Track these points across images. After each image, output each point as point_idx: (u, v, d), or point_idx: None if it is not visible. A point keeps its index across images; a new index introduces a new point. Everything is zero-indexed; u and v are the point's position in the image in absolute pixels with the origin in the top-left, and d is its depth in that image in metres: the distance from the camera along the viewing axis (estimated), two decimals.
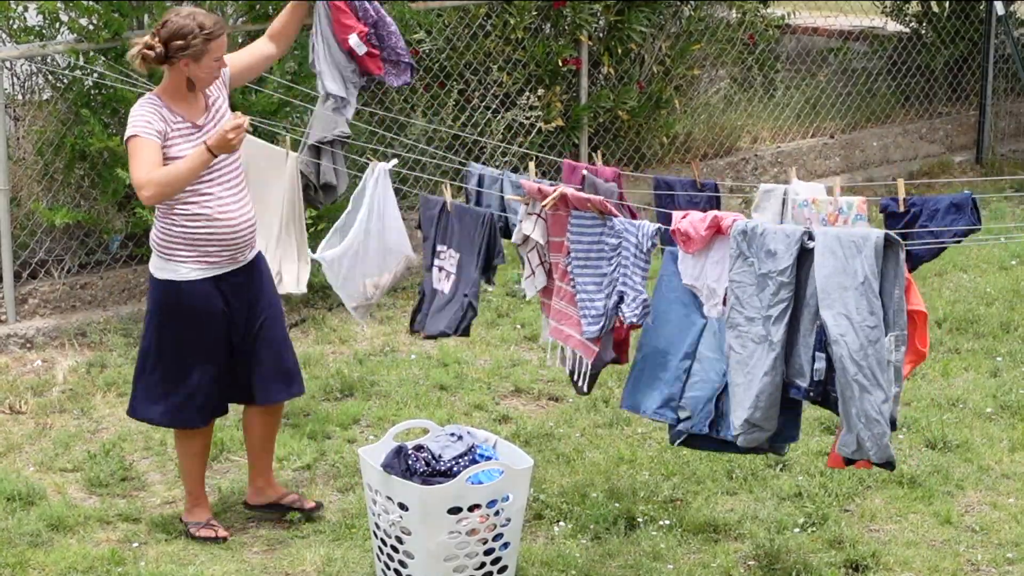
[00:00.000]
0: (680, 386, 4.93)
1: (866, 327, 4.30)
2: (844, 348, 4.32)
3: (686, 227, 4.70)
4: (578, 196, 4.99)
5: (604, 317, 4.91)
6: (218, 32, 5.21)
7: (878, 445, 4.35)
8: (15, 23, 7.66)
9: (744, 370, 4.56)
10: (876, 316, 4.30)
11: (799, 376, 4.52)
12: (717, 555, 5.37)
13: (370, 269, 5.69)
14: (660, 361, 5.00)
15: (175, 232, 5.30)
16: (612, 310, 4.88)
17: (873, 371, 4.30)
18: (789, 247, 4.44)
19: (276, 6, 8.08)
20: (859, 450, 4.39)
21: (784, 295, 4.46)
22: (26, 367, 7.25)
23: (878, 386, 4.31)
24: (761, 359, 4.51)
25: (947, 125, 11.45)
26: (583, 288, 4.98)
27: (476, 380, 7.07)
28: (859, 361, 4.31)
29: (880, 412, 4.32)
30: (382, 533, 5.05)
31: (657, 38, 9.91)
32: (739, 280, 4.55)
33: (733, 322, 4.58)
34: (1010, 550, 5.39)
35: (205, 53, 5.20)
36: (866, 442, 4.36)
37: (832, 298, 4.34)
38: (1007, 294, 8.21)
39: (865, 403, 4.32)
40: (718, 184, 5.80)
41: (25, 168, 7.79)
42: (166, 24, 5.20)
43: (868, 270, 4.30)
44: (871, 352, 4.29)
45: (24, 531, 5.53)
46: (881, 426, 4.33)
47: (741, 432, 4.59)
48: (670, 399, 4.96)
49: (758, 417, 4.55)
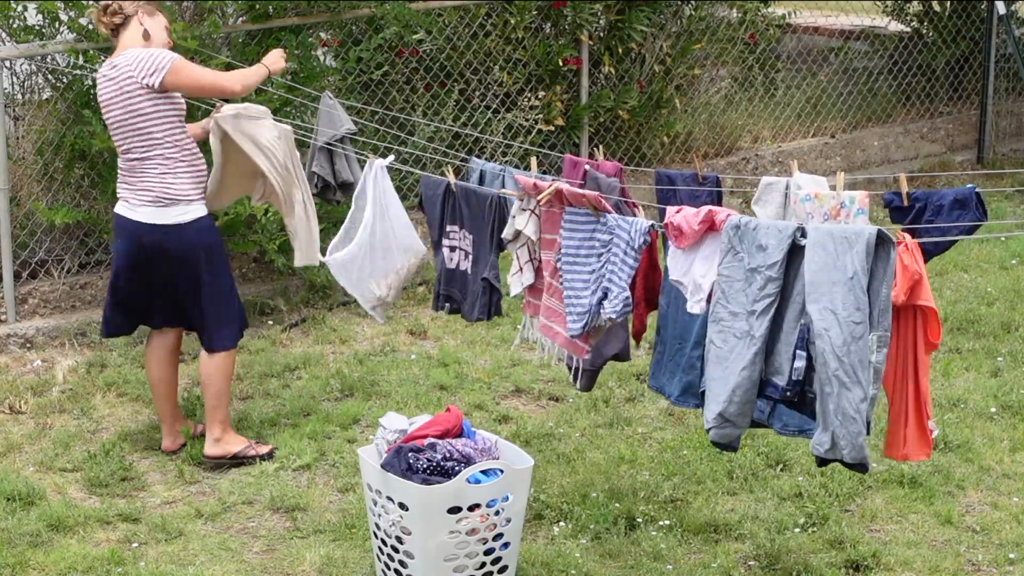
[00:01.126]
0: (697, 374, 4.98)
1: (851, 323, 4.27)
2: (827, 343, 4.29)
3: (679, 221, 4.68)
4: (574, 192, 4.98)
5: (588, 314, 4.91)
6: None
7: (853, 444, 4.31)
8: (15, 22, 7.66)
9: (723, 365, 4.53)
10: (862, 312, 4.28)
11: (777, 374, 4.49)
12: (717, 555, 5.36)
13: (381, 269, 5.71)
14: (676, 347, 5.07)
15: (185, 174, 5.88)
16: (596, 307, 4.88)
17: (854, 368, 4.28)
18: (781, 242, 4.42)
19: (276, 6, 8.09)
20: (833, 449, 4.35)
21: (771, 290, 4.44)
22: (26, 367, 7.24)
23: (858, 383, 4.28)
24: (741, 354, 4.48)
25: (948, 124, 11.44)
26: (570, 285, 4.97)
27: (476, 380, 7.07)
28: (841, 356, 4.28)
29: (858, 410, 4.29)
30: (382, 533, 5.04)
31: (658, 37, 9.91)
32: (727, 275, 4.53)
33: (716, 316, 4.55)
34: (1011, 550, 5.39)
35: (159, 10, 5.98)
36: (840, 440, 4.32)
37: (820, 292, 4.33)
38: (1008, 294, 8.20)
39: (843, 400, 4.29)
40: (720, 178, 5.80)
41: (25, 168, 7.79)
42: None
43: (858, 266, 4.28)
44: (854, 348, 4.27)
45: (24, 531, 5.53)
46: (857, 425, 4.29)
47: (713, 426, 4.56)
48: (689, 386, 5.04)
49: (732, 412, 4.51)
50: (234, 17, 8.22)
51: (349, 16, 8.40)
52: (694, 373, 5.00)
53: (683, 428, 6.49)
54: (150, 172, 5.86)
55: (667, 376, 5.12)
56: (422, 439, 5.06)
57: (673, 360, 5.08)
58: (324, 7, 8.25)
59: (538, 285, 5.27)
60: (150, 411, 6.70)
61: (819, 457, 4.43)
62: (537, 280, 5.29)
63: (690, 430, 6.43)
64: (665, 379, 5.13)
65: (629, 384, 6.98)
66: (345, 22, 8.47)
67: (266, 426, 6.51)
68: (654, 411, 6.68)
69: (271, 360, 7.29)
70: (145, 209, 5.87)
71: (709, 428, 4.57)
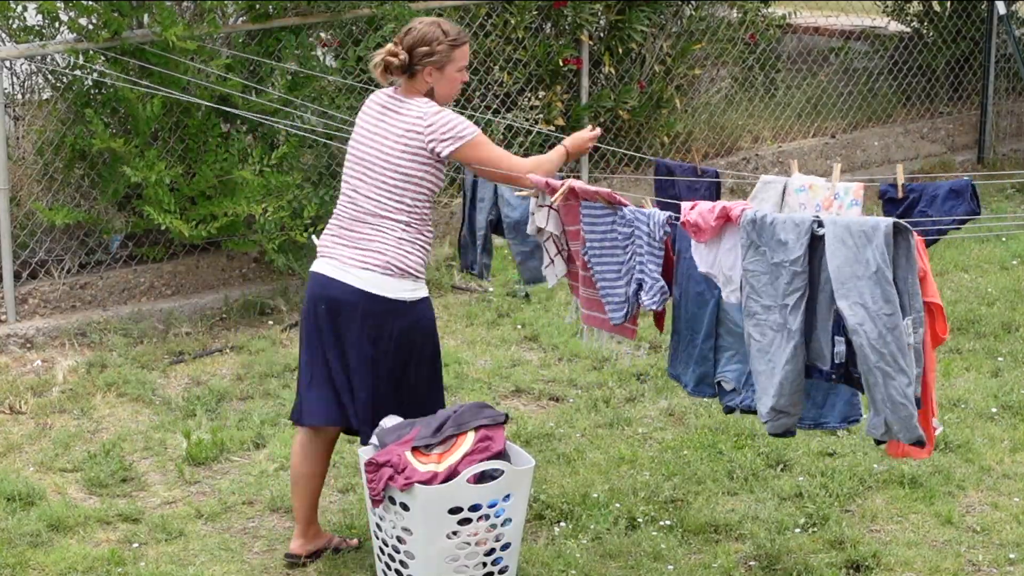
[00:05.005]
0: (710, 364, 5.05)
1: (883, 315, 4.28)
2: (863, 337, 4.31)
3: (695, 218, 4.71)
4: (586, 188, 5.02)
5: (627, 303, 4.97)
6: (462, 40, 5.07)
7: (906, 427, 4.35)
8: (15, 22, 7.66)
9: (765, 357, 4.56)
10: (892, 304, 4.28)
11: (820, 360, 4.52)
12: (718, 555, 5.36)
13: None
14: (689, 338, 5.11)
15: (420, 250, 5.09)
16: (633, 297, 4.93)
17: (895, 357, 4.29)
18: (800, 236, 4.43)
19: (276, 6, 8.09)
20: (887, 432, 4.40)
21: (798, 284, 4.45)
22: (26, 367, 7.24)
23: (901, 371, 4.30)
24: (781, 347, 4.51)
25: (948, 125, 11.44)
26: (602, 276, 5.04)
27: (477, 380, 7.06)
28: (880, 349, 4.30)
29: (905, 396, 4.32)
30: (383, 534, 5.04)
31: (658, 37, 9.91)
32: (752, 269, 4.55)
33: (750, 311, 4.58)
34: (1011, 550, 5.38)
35: (450, 61, 5.03)
36: (894, 425, 4.36)
37: (846, 288, 4.34)
38: (1008, 294, 8.20)
39: (890, 388, 4.32)
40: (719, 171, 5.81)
41: (25, 168, 7.79)
42: (410, 31, 5.04)
43: (880, 259, 4.28)
44: (891, 339, 4.28)
45: (24, 531, 5.52)
46: (907, 409, 4.33)
47: (768, 420, 4.59)
48: (704, 377, 5.08)
49: (783, 403, 4.54)
50: (234, 17, 8.21)
51: (349, 16, 8.40)
52: (707, 364, 5.06)
53: (683, 428, 6.49)
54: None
55: (683, 366, 5.17)
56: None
57: (686, 351, 5.13)
58: (324, 7, 8.25)
59: (575, 271, 5.31)
60: (150, 411, 6.70)
61: (876, 440, 4.49)
62: (571, 267, 5.33)
63: (690, 430, 6.43)
64: (681, 368, 5.19)
65: (629, 384, 6.97)
66: (345, 22, 8.46)
67: (266, 426, 6.51)
68: (654, 411, 6.68)
69: (271, 360, 7.28)
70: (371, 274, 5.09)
71: (765, 422, 4.60)
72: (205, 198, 7.74)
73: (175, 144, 7.76)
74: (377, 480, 4.88)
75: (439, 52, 5.01)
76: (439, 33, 5.03)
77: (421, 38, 5.02)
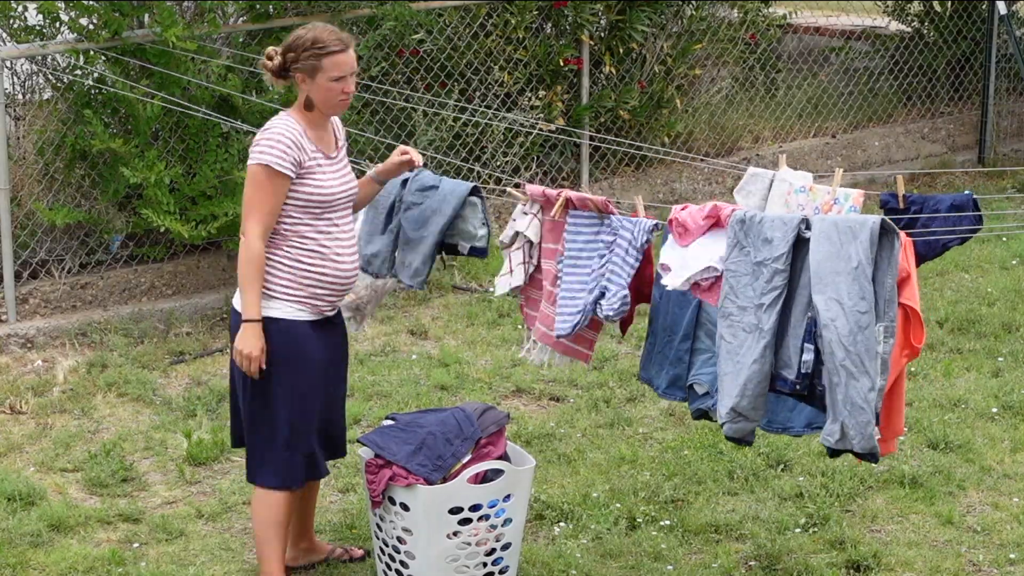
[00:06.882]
0: (684, 367, 5.04)
1: (857, 312, 4.29)
2: (834, 333, 4.30)
3: (684, 218, 4.69)
4: (581, 196, 5.01)
5: (580, 314, 4.93)
6: (335, 48, 4.77)
7: (862, 434, 4.32)
8: (15, 23, 7.66)
9: (734, 359, 4.54)
10: (867, 302, 4.28)
11: (786, 368, 4.49)
12: (718, 556, 5.36)
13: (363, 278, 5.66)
14: (666, 340, 5.10)
15: (284, 267, 4.85)
16: (591, 306, 4.89)
17: (861, 357, 4.29)
18: (786, 234, 4.43)
19: (276, 6, 8.09)
20: (843, 439, 4.37)
21: (778, 282, 4.44)
22: (26, 367, 7.24)
23: (865, 373, 4.29)
24: (751, 347, 4.49)
25: (949, 125, 11.43)
26: (568, 287, 4.99)
27: (477, 380, 7.06)
28: (848, 347, 4.29)
29: (866, 400, 4.30)
30: (383, 534, 5.04)
31: (659, 37, 9.90)
32: (734, 270, 4.54)
33: (725, 312, 4.56)
34: (1012, 550, 5.38)
35: (320, 70, 4.76)
36: (850, 430, 4.33)
37: (825, 282, 4.34)
38: (1008, 294, 8.20)
39: (851, 390, 4.31)
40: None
41: (25, 168, 7.78)
42: (291, 35, 4.86)
43: (863, 255, 4.29)
44: (860, 338, 4.28)
45: (24, 531, 5.52)
46: (866, 414, 4.31)
47: (727, 421, 4.56)
48: (676, 379, 5.07)
49: (744, 406, 4.52)
50: (234, 17, 8.22)
51: (349, 16, 8.40)
52: (681, 366, 5.05)
53: (684, 428, 6.48)
54: None
55: (656, 368, 5.15)
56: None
57: (662, 352, 5.11)
58: (324, 7, 8.25)
59: (532, 295, 5.25)
60: (151, 411, 6.70)
61: (830, 448, 4.45)
62: (532, 289, 5.26)
63: (691, 430, 6.42)
64: (654, 371, 5.16)
65: (630, 384, 6.97)
66: (345, 22, 8.46)
67: None
68: (655, 411, 6.68)
69: None
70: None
71: (723, 423, 4.58)
72: (205, 198, 7.74)
73: (175, 144, 7.77)
74: (377, 481, 4.90)
75: (303, 59, 4.79)
76: (309, 39, 4.79)
77: (292, 43, 4.82)
